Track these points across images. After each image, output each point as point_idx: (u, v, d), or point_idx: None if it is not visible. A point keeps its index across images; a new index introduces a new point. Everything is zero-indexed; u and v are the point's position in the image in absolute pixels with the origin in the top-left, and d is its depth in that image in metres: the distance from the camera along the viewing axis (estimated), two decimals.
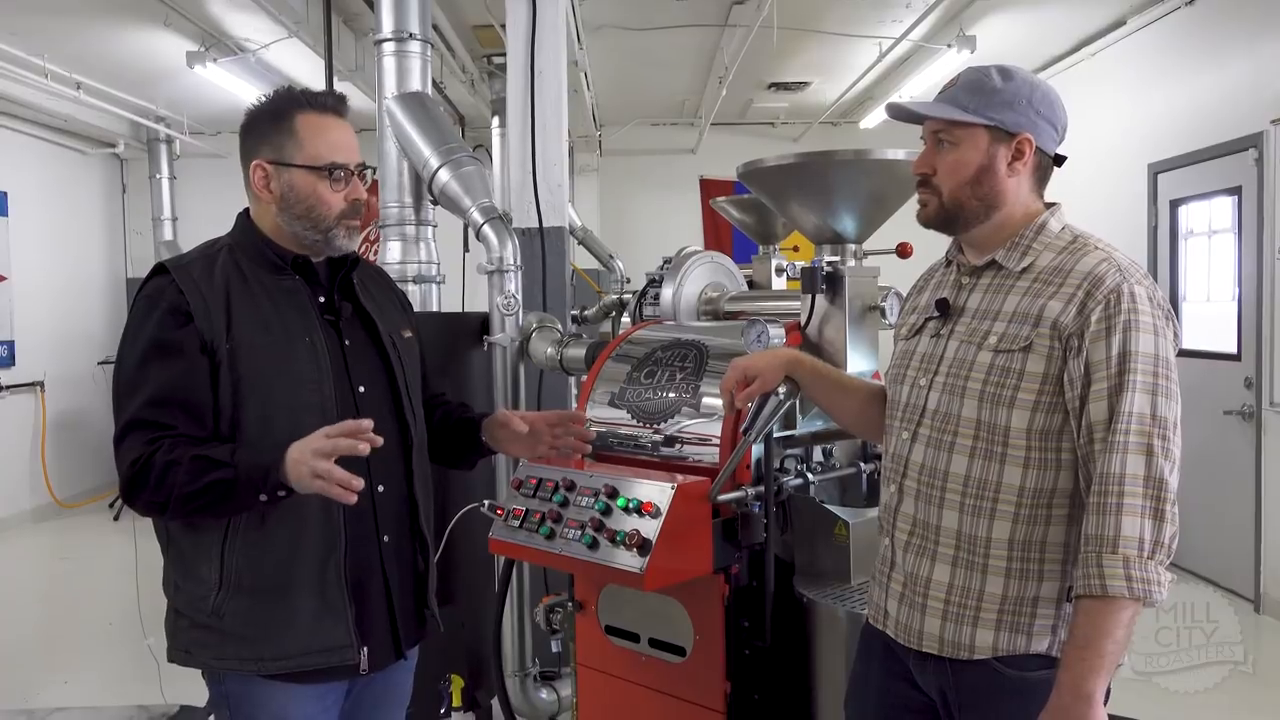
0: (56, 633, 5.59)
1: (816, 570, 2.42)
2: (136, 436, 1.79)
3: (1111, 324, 1.61)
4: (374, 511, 1.96)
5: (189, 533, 1.89)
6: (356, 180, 1.96)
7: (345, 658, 1.91)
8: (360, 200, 1.96)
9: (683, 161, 10.16)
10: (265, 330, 1.88)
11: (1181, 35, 6.13)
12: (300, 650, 1.88)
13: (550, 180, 3.80)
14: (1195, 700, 3.68)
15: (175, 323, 1.83)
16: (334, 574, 1.89)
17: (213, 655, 1.89)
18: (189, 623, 1.90)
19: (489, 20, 6.00)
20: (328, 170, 1.92)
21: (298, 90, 1.98)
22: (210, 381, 1.83)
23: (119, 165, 9.78)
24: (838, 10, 6.48)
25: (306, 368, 1.89)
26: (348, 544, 1.91)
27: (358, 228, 1.98)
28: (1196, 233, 6.15)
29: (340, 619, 1.90)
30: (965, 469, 1.73)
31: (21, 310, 8.22)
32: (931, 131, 1.79)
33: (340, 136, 1.95)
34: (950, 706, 1.76)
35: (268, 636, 1.87)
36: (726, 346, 2.49)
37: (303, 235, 1.94)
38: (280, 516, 1.84)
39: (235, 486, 1.74)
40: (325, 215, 1.93)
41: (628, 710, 2.52)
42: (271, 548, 1.86)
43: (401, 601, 2.02)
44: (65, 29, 6.35)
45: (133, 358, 1.84)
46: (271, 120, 1.94)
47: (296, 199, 1.92)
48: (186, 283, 1.86)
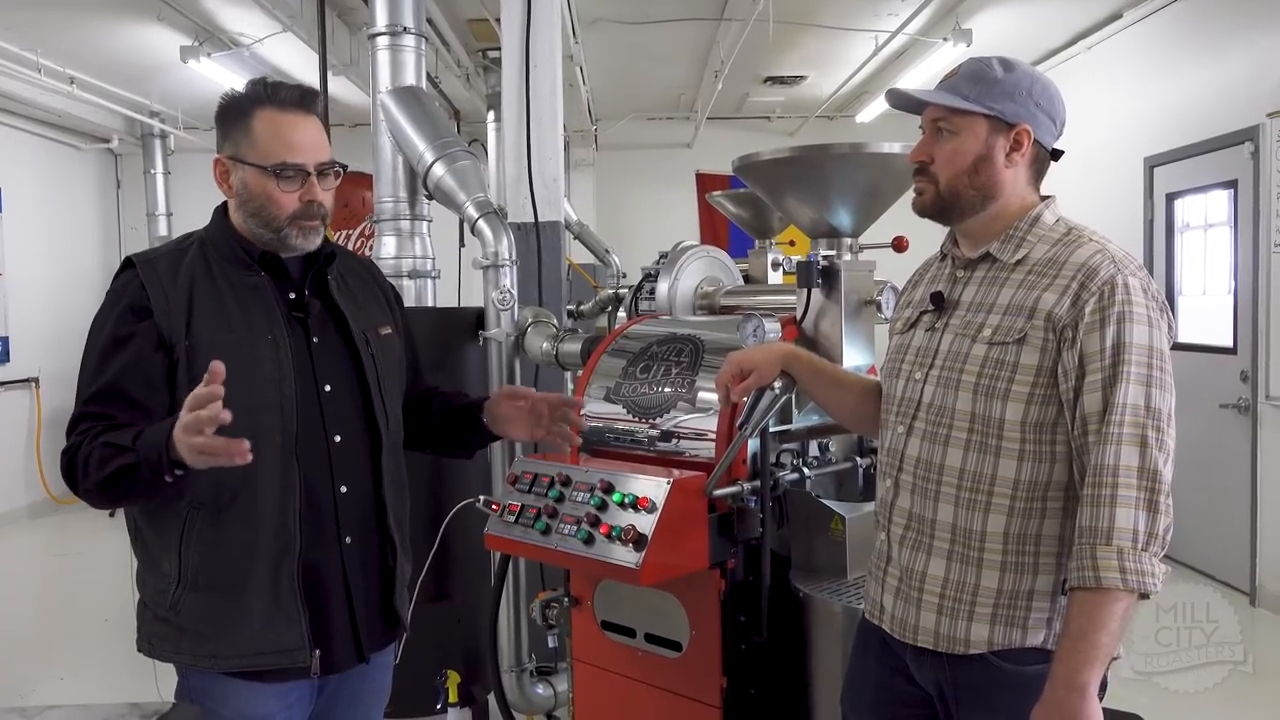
0: (51, 629, 5.58)
1: (813, 565, 2.42)
2: (78, 429, 1.78)
3: (1105, 315, 1.60)
4: (335, 512, 1.92)
5: (152, 527, 1.88)
6: (312, 181, 1.89)
7: (296, 660, 1.88)
8: (315, 201, 1.90)
9: (679, 156, 10.16)
10: (227, 328, 1.85)
11: (1178, 29, 6.13)
12: (253, 650, 1.86)
13: (546, 175, 3.79)
14: (1191, 693, 3.69)
15: (134, 318, 1.82)
16: (286, 576, 1.86)
17: (171, 649, 1.89)
18: (152, 615, 1.91)
19: (484, 14, 5.99)
20: (275, 170, 1.86)
21: (264, 83, 1.91)
22: (166, 378, 1.81)
23: (113, 160, 9.77)
24: (833, 4, 6.47)
25: (267, 366, 1.86)
26: (303, 546, 1.87)
27: (315, 228, 1.92)
28: (1192, 226, 6.16)
29: (293, 622, 1.86)
30: (960, 462, 1.72)
31: (16, 306, 8.21)
32: (931, 120, 1.78)
33: (298, 135, 1.88)
34: (946, 701, 1.77)
35: (221, 634, 1.85)
36: (722, 341, 2.48)
37: (258, 233, 1.92)
38: (235, 516, 1.83)
39: (139, 470, 1.67)
40: (276, 215, 1.88)
41: (624, 705, 2.51)
42: (226, 546, 1.84)
43: (365, 604, 1.98)
44: (59, 24, 6.33)
45: (91, 353, 1.84)
46: (233, 115, 1.90)
47: (249, 197, 1.89)
48: (150, 278, 1.85)
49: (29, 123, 8.40)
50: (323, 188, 1.92)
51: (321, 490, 1.90)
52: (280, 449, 1.84)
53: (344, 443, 1.94)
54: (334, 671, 1.96)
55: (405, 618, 2.09)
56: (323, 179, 1.92)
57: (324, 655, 1.92)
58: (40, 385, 8.48)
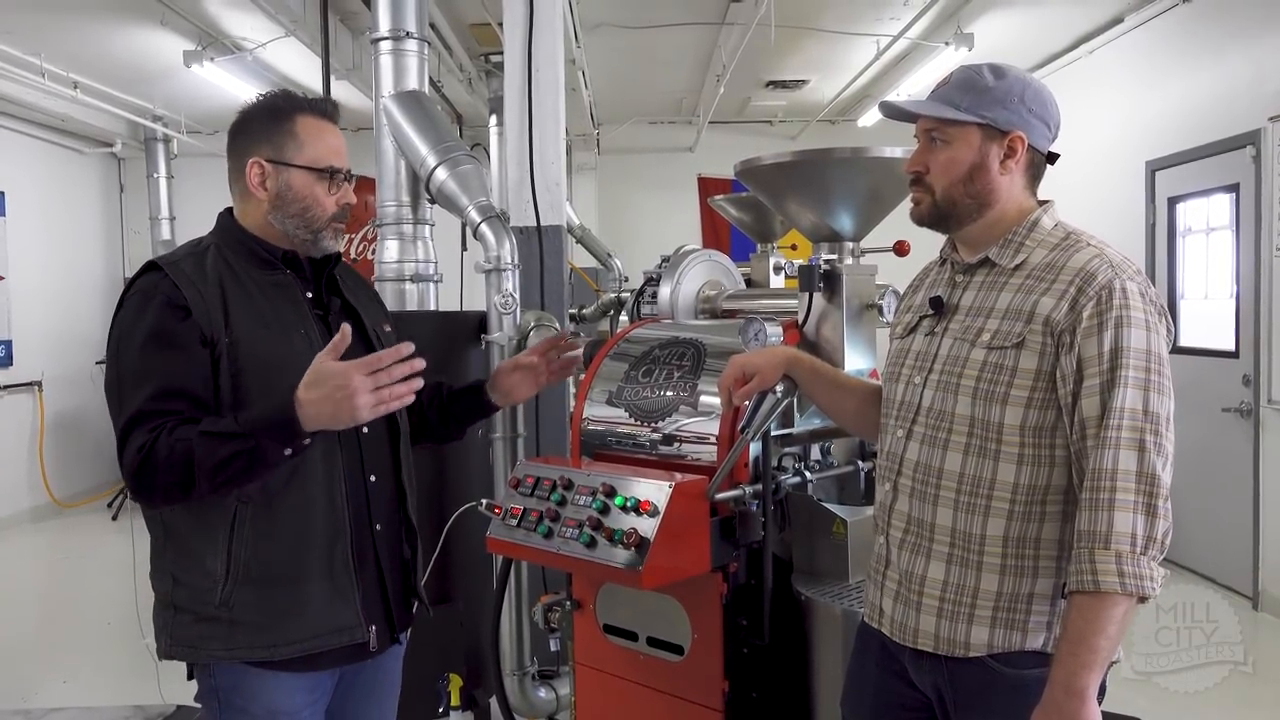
0: (55, 633, 5.59)
1: (814, 568, 2.42)
2: (144, 428, 1.78)
3: (1103, 320, 1.61)
4: (367, 500, 2.02)
5: (193, 526, 1.90)
6: (348, 185, 2.03)
7: (355, 636, 1.96)
8: (350, 204, 2.04)
9: (681, 160, 10.16)
10: (263, 324, 1.91)
11: (1179, 32, 6.13)
12: (311, 633, 1.92)
13: (548, 179, 3.80)
14: (1192, 695, 3.69)
15: (174, 316, 1.84)
16: (340, 559, 1.95)
17: (220, 647, 1.90)
18: (192, 617, 1.90)
19: (486, 18, 6.01)
20: (327, 173, 1.98)
21: (295, 94, 2.04)
22: (211, 375, 1.85)
23: (116, 164, 9.78)
24: (835, 8, 6.48)
25: (304, 360, 1.89)
26: (352, 529, 1.96)
27: (343, 230, 2.06)
28: (1194, 230, 6.15)
29: (349, 601, 1.96)
30: (960, 466, 1.73)
31: (19, 310, 8.22)
32: (924, 130, 1.79)
33: (337, 142, 2.03)
34: (946, 704, 1.77)
35: (280, 623, 1.90)
36: (724, 345, 2.49)
37: (293, 234, 1.99)
38: (286, 506, 1.89)
39: (258, 450, 1.74)
40: (319, 216, 1.99)
41: (626, 709, 2.52)
42: (281, 537, 1.90)
43: (393, 588, 2.07)
44: (62, 28, 6.34)
45: (132, 351, 1.84)
46: (272, 119, 1.98)
47: (293, 198, 1.97)
48: (180, 278, 1.87)
49: (32, 126, 8.42)
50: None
51: (356, 479, 1.99)
52: (324, 438, 1.87)
53: (371, 434, 2.04)
54: (373, 652, 2.02)
55: (424, 596, 2.19)
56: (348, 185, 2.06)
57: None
58: (43, 389, 8.49)
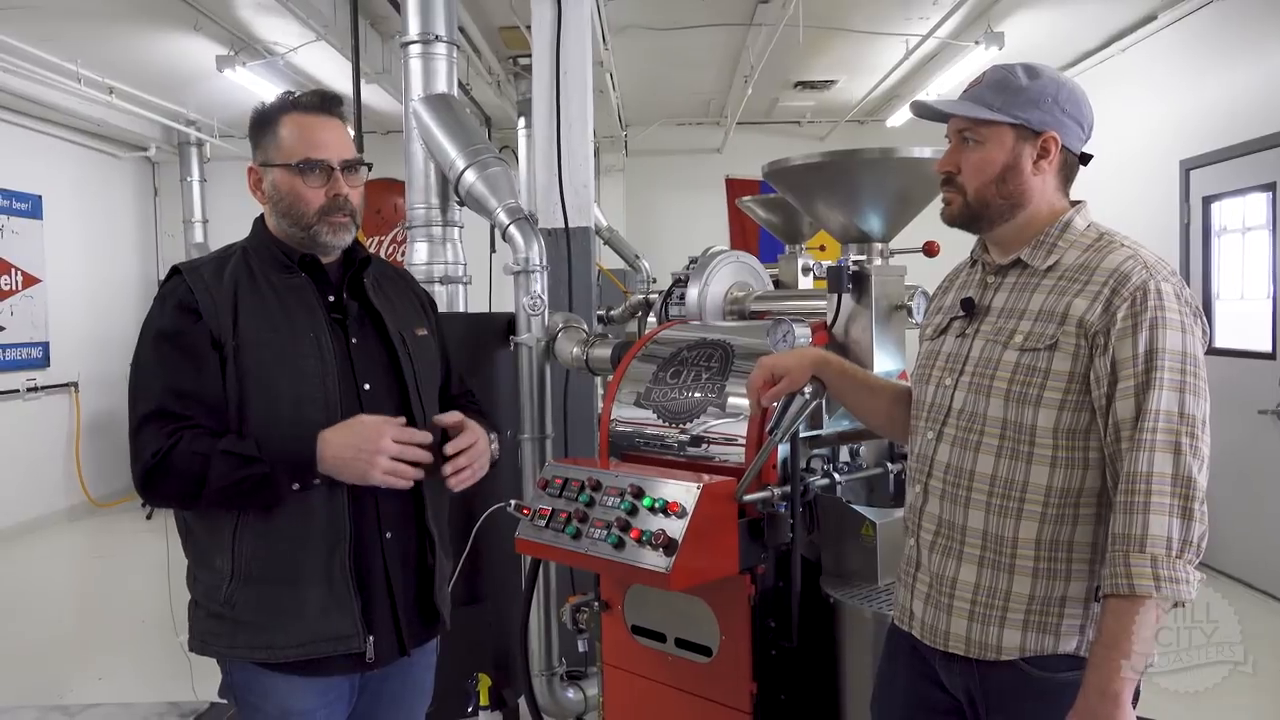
0: (90, 630, 5.66)
1: (843, 570, 2.41)
2: (155, 427, 1.84)
3: (1138, 321, 1.59)
4: (376, 508, 1.97)
5: (205, 525, 1.94)
6: (337, 176, 1.96)
7: (351, 646, 1.93)
8: (341, 195, 1.96)
9: (708, 161, 10.16)
10: (271, 326, 1.92)
11: (1213, 29, 6.05)
12: (309, 638, 1.91)
13: (576, 181, 3.81)
14: (1224, 704, 3.63)
15: (186, 319, 1.88)
16: (339, 565, 1.92)
17: (225, 644, 1.93)
18: (205, 612, 1.95)
19: (514, 21, 6.03)
20: (299, 166, 1.94)
21: (288, 94, 2.02)
22: (220, 376, 1.88)
23: (150, 168, 9.91)
24: (864, 8, 6.45)
25: (311, 363, 1.93)
26: (353, 537, 1.93)
27: (345, 224, 1.99)
28: (1230, 230, 6.07)
29: (347, 610, 1.92)
30: (991, 469, 1.72)
31: (56, 312, 8.35)
32: (956, 130, 1.78)
33: (322, 134, 1.96)
34: (977, 707, 1.75)
35: (277, 625, 1.90)
36: (752, 346, 2.49)
37: (291, 233, 1.99)
38: (286, 508, 1.88)
39: (270, 480, 1.82)
40: (305, 211, 1.95)
41: (654, 710, 2.52)
42: (279, 539, 1.90)
43: (404, 599, 2.02)
44: (97, 34, 6.44)
45: (144, 350, 1.91)
46: (260, 124, 2.00)
47: (279, 197, 1.97)
48: (196, 282, 1.92)
49: (69, 132, 8.54)
50: (349, 185, 1.99)
51: (361, 487, 1.94)
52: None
53: None
54: (378, 663, 1.99)
55: (445, 615, 2.11)
56: (348, 175, 1.99)
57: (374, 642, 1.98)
58: (80, 390, 8.61)
